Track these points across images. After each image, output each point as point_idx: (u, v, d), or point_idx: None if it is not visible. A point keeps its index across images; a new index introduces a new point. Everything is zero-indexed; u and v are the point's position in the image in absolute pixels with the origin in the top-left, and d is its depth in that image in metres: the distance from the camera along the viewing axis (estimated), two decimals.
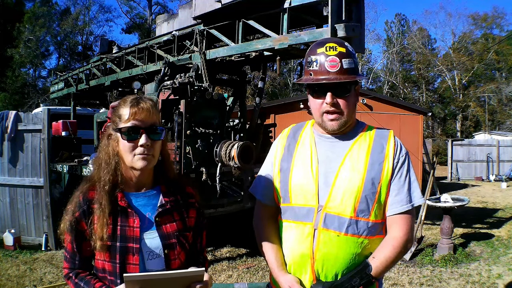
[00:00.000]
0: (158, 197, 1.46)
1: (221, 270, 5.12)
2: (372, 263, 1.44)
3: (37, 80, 29.76)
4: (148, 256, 1.38)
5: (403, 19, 40.29)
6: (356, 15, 4.48)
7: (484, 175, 17.56)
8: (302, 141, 1.59)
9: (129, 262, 1.35)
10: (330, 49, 1.45)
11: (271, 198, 1.63)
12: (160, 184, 1.49)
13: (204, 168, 5.08)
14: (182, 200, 1.50)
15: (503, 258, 5.62)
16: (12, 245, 5.74)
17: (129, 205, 1.40)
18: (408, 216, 1.49)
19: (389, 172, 1.48)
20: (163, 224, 1.42)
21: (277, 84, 30.46)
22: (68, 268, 1.41)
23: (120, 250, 1.34)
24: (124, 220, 1.37)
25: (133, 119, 1.37)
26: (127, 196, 1.42)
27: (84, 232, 1.37)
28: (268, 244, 1.59)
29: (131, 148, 1.37)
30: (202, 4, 5.60)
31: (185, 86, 5.06)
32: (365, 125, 1.59)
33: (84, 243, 1.38)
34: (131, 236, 1.36)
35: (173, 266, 1.40)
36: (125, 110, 1.39)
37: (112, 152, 1.40)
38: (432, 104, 36.44)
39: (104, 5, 45.57)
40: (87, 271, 1.40)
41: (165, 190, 1.48)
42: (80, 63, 13.42)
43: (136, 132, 1.37)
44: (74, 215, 1.37)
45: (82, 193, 1.41)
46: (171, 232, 1.43)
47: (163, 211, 1.43)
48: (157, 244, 1.40)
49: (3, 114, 6.12)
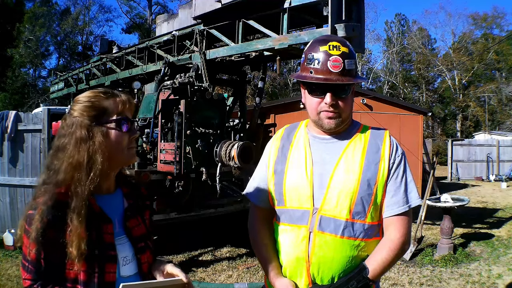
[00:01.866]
0: (121, 200, 1.39)
1: (221, 270, 5.12)
2: (369, 266, 1.41)
3: (37, 80, 29.81)
4: (123, 262, 1.32)
5: (403, 19, 40.35)
6: (356, 15, 4.48)
7: (484, 175, 17.56)
8: (296, 143, 1.56)
9: (108, 270, 1.27)
10: (333, 48, 1.42)
11: (266, 200, 1.60)
12: (120, 186, 1.41)
13: (204, 168, 5.08)
14: (141, 201, 1.46)
15: (503, 258, 5.62)
16: (12, 245, 5.73)
17: (101, 210, 1.30)
18: (405, 218, 1.46)
19: (385, 172, 1.45)
20: (132, 227, 1.37)
21: (277, 84, 30.46)
22: (31, 279, 1.22)
23: (99, 258, 1.25)
24: (99, 226, 1.27)
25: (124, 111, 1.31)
26: (98, 200, 1.30)
27: (54, 241, 1.20)
28: (263, 247, 1.56)
29: (128, 141, 1.31)
30: (202, 4, 5.60)
31: (185, 86, 5.05)
32: (360, 125, 1.57)
33: (53, 252, 1.21)
34: (107, 243, 1.28)
35: (144, 270, 1.37)
36: (112, 102, 1.30)
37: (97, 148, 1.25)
38: (432, 104, 36.45)
39: (104, 5, 45.71)
40: (52, 283, 1.23)
41: (126, 192, 1.41)
42: (80, 63, 13.43)
43: (132, 124, 1.33)
44: (43, 222, 1.18)
45: (51, 197, 1.22)
46: (139, 236, 1.38)
47: (130, 215, 1.38)
48: (129, 249, 1.34)
49: (3, 114, 6.12)
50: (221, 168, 5.12)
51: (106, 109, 1.29)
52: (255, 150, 5.16)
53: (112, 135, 1.28)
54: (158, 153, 5.51)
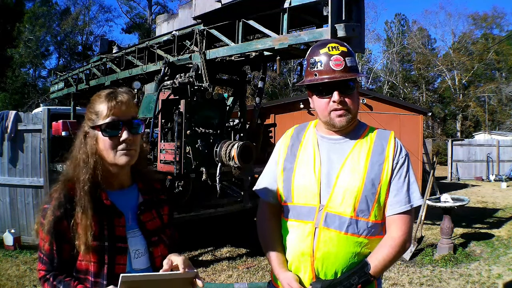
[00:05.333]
0: (136, 195, 1.45)
1: (221, 270, 5.12)
2: (370, 262, 1.46)
3: (37, 80, 29.81)
4: (135, 255, 1.37)
5: (403, 19, 40.36)
6: (356, 15, 4.48)
7: (484, 175, 17.56)
8: (305, 142, 1.62)
9: (118, 262, 1.32)
10: (333, 49, 1.49)
11: (274, 196, 1.66)
12: (136, 181, 1.47)
13: (204, 168, 5.08)
14: (156, 197, 1.50)
15: (503, 258, 5.62)
16: (12, 245, 5.74)
17: (113, 204, 1.37)
18: (406, 217, 1.51)
19: (388, 173, 1.50)
20: (145, 221, 1.42)
21: (277, 84, 30.47)
22: (45, 270, 1.33)
23: (108, 250, 1.31)
24: (110, 220, 1.34)
25: (112, 114, 1.31)
26: (110, 195, 1.38)
27: (65, 233, 1.30)
28: (270, 242, 1.62)
29: (113, 144, 1.32)
30: (202, 4, 5.60)
31: (185, 86, 5.06)
32: (367, 126, 1.62)
33: (65, 244, 1.30)
34: (118, 236, 1.34)
35: (157, 264, 1.39)
36: (102, 105, 1.33)
37: (91, 151, 1.34)
38: (432, 104, 36.44)
39: (104, 5, 45.76)
40: (65, 273, 1.32)
41: (141, 187, 1.47)
42: (80, 63, 13.40)
43: (116, 127, 1.32)
44: (55, 215, 1.29)
45: (63, 192, 1.33)
46: (152, 230, 1.43)
47: (145, 209, 1.43)
48: (141, 242, 1.39)
49: (3, 114, 6.12)
50: (221, 168, 5.13)
51: (98, 112, 1.34)
52: (255, 150, 5.17)
53: (100, 139, 1.34)
54: (158, 153, 5.52)
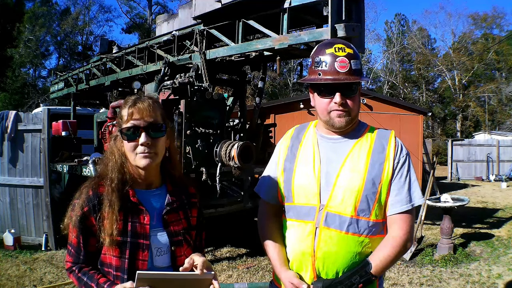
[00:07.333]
0: (165, 195, 1.50)
1: (221, 270, 5.12)
2: (372, 262, 1.46)
3: (37, 80, 29.78)
4: (157, 253, 1.42)
5: (403, 19, 40.31)
6: (356, 15, 4.48)
7: (484, 175, 17.55)
8: (305, 142, 1.63)
9: (139, 258, 1.38)
10: (339, 50, 1.48)
11: (275, 196, 1.67)
12: (166, 182, 1.53)
13: (204, 168, 5.08)
14: (186, 199, 1.55)
15: (503, 258, 5.62)
16: (12, 245, 5.74)
17: (139, 202, 1.43)
18: (408, 216, 1.51)
19: (389, 172, 1.50)
20: (170, 222, 1.46)
21: (277, 84, 30.47)
22: (72, 262, 1.42)
23: (130, 246, 1.37)
24: (135, 217, 1.41)
25: (132, 119, 1.40)
26: (138, 193, 1.45)
27: (92, 227, 1.38)
28: (271, 241, 1.62)
29: (133, 147, 1.41)
30: (202, 4, 5.60)
31: (185, 86, 5.06)
32: (367, 126, 1.62)
33: (91, 238, 1.39)
34: (141, 233, 1.40)
35: (179, 263, 1.42)
36: (124, 110, 1.43)
37: (118, 152, 1.45)
38: (432, 104, 36.44)
39: (104, 5, 45.66)
40: (91, 266, 1.41)
41: (171, 189, 1.52)
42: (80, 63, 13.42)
43: (135, 131, 1.40)
44: (83, 210, 1.38)
45: (92, 188, 1.43)
46: (177, 230, 1.47)
47: (171, 209, 1.48)
48: (165, 241, 1.44)
49: (3, 114, 6.12)
50: (221, 168, 5.13)
51: (122, 117, 1.44)
52: (255, 150, 5.17)
53: (123, 142, 1.44)
54: None
